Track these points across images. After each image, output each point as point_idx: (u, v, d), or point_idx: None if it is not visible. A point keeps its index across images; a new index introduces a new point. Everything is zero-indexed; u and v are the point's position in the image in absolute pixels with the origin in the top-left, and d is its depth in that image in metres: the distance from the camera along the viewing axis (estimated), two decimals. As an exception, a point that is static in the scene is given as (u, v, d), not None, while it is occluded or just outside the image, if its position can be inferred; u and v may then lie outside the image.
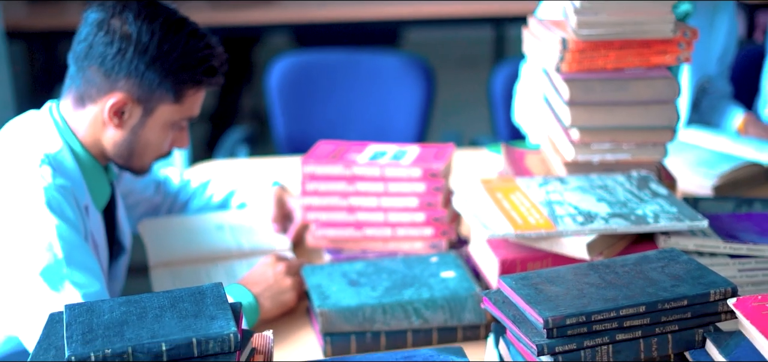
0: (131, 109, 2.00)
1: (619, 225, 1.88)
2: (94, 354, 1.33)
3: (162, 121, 2.03)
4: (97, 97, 2.00)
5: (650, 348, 1.49)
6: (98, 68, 1.99)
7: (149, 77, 1.97)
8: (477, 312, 1.91)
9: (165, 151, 2.09)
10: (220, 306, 1.45)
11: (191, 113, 2.08)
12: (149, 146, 2.05)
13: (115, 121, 2.00)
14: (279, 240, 2.32)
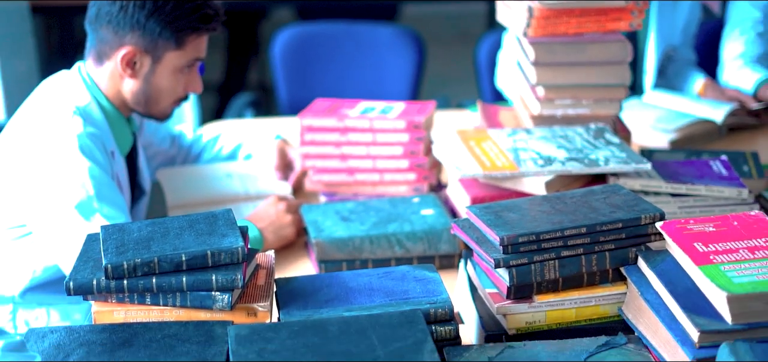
0: (141, 59, 2.23)
1: (573, 167, 2.11)
2: (126, 262, 1.57)
3: (170, 67, 2.26)
4: (111, 52, 2.24)
5: (591, 263, 1.73)
6: (107, 26, 2.23)
7: (151, 28, 2.21)
8: (451, 243, 2.14)
9: (181, 95, 2.32)
10: (230, 227, 1.68)
11: (197, 55, 2.30)
12: (163, 92, 2.28)
13: (129, 72, 2.23)
14: (281, 186, 2.56)
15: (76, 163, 2.09)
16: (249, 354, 1.44)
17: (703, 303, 1.53)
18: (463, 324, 1.91)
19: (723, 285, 1.49)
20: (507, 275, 1.69)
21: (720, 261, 1.55)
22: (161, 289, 1.60)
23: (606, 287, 1.74)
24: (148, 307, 1.62)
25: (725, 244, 1.61)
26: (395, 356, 1.43)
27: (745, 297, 1.47)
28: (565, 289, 1.73)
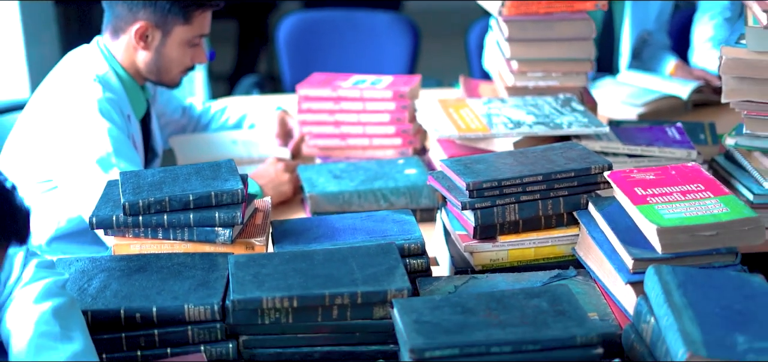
0: (153, 32, 2.44)
1: (539, 130, 2.31)
2: (141, 201, 1.78)
3: (179, 40, 2.46)
4: (126, 27, 2.45)
5: (547, 208, 1.92)
6: (123, 3, 2.44)
7: (161, 4, 2.41)
8: (431, 198, 2.34)
9: (188, 65, 2.52)
10: (231, 173, 1.89)
11: (202, 31, 2.50)
12: (173, 62, 2.48)
13: (142, 44, 2.44)
14: (281, 152, 2.76)
15: (96, 123, 2.29)
16: (246, 275, 1.64)
17: (639, 237, 1.73)
18: (438, 265, 2.11)
19: (654, 220, 1.68)
20: (472, 216, 1.89)
21: (655, 202, 1.75)
22: (171, 225, 1.81)
23: (561, 229, 1.94)
24: (159, 241, 1.83)
25: (662, 189, 1.80)
26: (371, 279, 1.63)
27: (673, 229, 1.66)
28: (524, 231, 1.93)
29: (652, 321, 1.51)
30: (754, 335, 1.39)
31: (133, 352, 1.61)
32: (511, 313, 1.52)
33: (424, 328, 1.47)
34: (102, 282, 1.69)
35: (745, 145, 2.35)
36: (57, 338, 1.42)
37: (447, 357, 1.43)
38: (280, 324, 1.61)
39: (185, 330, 1.61)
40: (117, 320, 1.60)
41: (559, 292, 1.59)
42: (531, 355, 1.45)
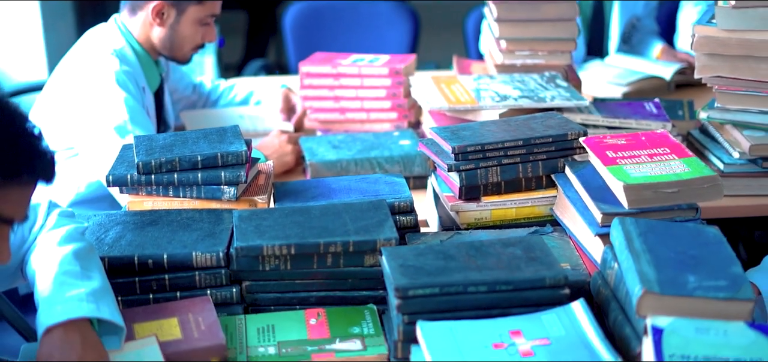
0: (168, 10, 2.57)
1: (524, 103, 2.43)
2: (154, 160, 1.91)
3: (192, 19, 2.59)
4: (144, 4, 2.59)
5: (527, 170, 2.05)
6: None
7: None
8: (423, 166, 2.46)
9: (199, 43, 2.65)
10: (236, 137, 2.02)
11: (213, 11, 2.63)
12: (186, 39, 2.61)
13: (158, 21, 2.57)
14: (284, 126, 2.89)
15: (113, 93, 2.43)
16: (248, 227, 1.77)
17: (609, 195, 1.85)
18: (428, 227, 2.24)
19: (622, 178, 1.81)
20: (458, 178, 2.02)
21: (623, 163, 1.87)
22: (181, 183, 1.94)
23: (540, 191, 2.06)
24: (170, 198, 1.96)
25: (631, 152, 1.92)
26: (362, 230, 1.76)
27: (638, 186, 1.79)
28: (506, 192, 2.05)
29: (615, 266, 1.64)
30: (704, 275, 1.51)
31: (145, 295, 1.74)
32: (488, 259, 1.64)
33: (408, 271, 1.59)
34: (117, 234, 1.82)
35: (716, 118, 2.48)
36: (78, 276, 1.55)
37: (428, 295, 1.56)
38: (279, 270, 1.74)
39: (193, 276, 1.74)
40: (131, 266, 1.73)
41: (532, 242, 1.72)
42: (504, 295, 1.58)
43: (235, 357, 1.61)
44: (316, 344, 1.64)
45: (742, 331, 1.39)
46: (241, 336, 1.66)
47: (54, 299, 1.50)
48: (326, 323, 1.70)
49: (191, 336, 1.61)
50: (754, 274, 2.07)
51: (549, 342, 1.48)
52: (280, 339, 1.65)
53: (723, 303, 1.46)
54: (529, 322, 1.53)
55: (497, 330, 1.51)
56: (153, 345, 1.57)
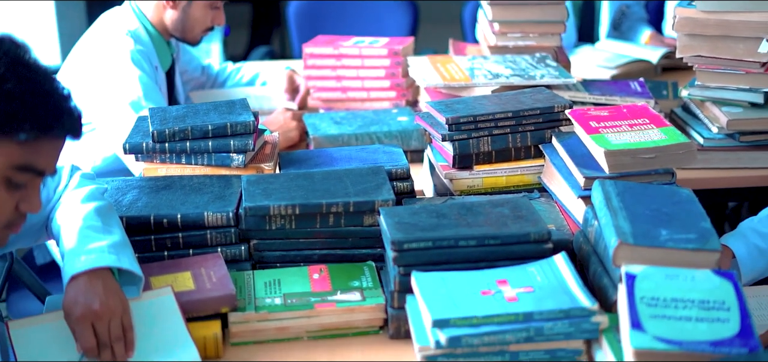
0: None
1: (515, 80, 2.53)
2: (168, 129, 2.02)
3: (203, 2, 2.70)
4: None
5: (516, 140, 2.15)
6: None
7: None
8: (420, 140, 2.56)
9: (209, 25, 2.76)
10: (245, 109, 2.12)
11: None
12: (197, 21, 2.72)
13: (171, 4, 2.68)
14: (289, 105, 2.99)
15: (128, 71, 2.54)
16: (256, 189, 1.88)
17: (592, 162, 1.96)
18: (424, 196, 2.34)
19: (603, 145, 1.91)
20: (451, 148, 2.12)
21: (605, 132, 1.98)
22: (193, 151, 2.05)
23: (528, 160, 2.17)
24: (182, 166, 2.07)
25: (613, 122, 2.03)
26: (362, 192, 1.87)
27: (617, 152, 1.89)
28: (497, 161, 2.15)
29: (595, 224, 1.74)
30: (675, 229, 1.61)
31: (160, 253, 1.85)
32: (478, 217, 1.75)
33: (403, 227, 1.70)
34: (134, 197, 1.93)
35: (697, 95, 2.59)
36: (100, 231, 1.66)
37: (422, 248, 1.66)
38: (285, 229, 1.85)
39: (205, 234, 1.85)
40: (147, 225, 1.84)
41: (519, 202, 1.82)
42: (492, 248, 1.68)
43: (243, 307, 1.71)
44: (319, 295, 1.75)
45: (707, 277, 1.50)
46: (250, 289, 1.77)
47: (78, 250, 1.61)
48: (328, 277, 1.80)
49: (204, 287, 1.72)
50: (729, 239, 2.17)
51: (532, 290, 1.59)
52: (286, 291, 1.76)
53: (691, 253, 1.56)
54: (514, 273, 1.64)
55: (485, 280, 1.62)
56: (168, 295, 1.68)
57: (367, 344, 1.71)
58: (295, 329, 1.72)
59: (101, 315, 1.54)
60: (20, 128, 1.34)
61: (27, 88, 1.34)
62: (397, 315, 1.69)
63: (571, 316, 1.52)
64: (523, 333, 1.51)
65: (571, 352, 1.54)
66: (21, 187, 1.40)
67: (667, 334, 1.37)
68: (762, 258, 2.15)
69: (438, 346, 1.50)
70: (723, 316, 1.41)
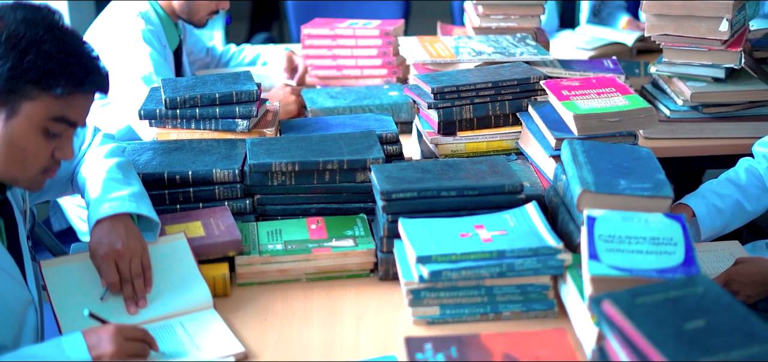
0: None
1: (496, 57, 2.69)
2: (179, 97, 2.18)
3: None
4: None
5: (495, 108, 2.31)
6: None
7: None
8: (409, 113, 2.72)
9: (214, 9, 2.91)
10: (248, 79, 2.29)
11: None
12: (202, 5, 2.87)
13: None
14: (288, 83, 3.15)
15: (140, 48, 2.70)
16: (260, 149, 2.04)
17: (563, 125, 2.12)
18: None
19: (572, 110, 2.08)
20: (436, 115, 2.29)
21: (575, 99, 2.14)
22: (201, 117, 2.21)
23: (507, 127, 2.32)
24: (192, 131, 2.23)
25: (583, 91, 2.19)
26: (355, 151, 2.03)
27: (585, 116, 2.06)
28: (478, 128, 2.31)
29: (563, 178, 1.91)
30: (633, 180, 1.78)
31: (173, 206, 2.01)
32: (459, 172, 1.91)
33: (392, 180, 1.87)
34: (149, 157, 2.09)
35: (664, 71, 2.75)
36: (121, 182, 1.82)
37: (408, 198, 1.83)
38: (285, 185, 2.01)
39: (213, 189, 2.01)
40: (161, 181, 2.00)
41: (496, 161, 1.99)
42: (470, 198, 1.85)
43: (248, 251, 1.88)
44: (316, 242, 1.91)
45: (659, 219, 1.66)
46: (254, 237, 1.94)
47: (102, 199, 1.77)
48: (324, 227, 1.97)
49: (213, 233, 1.89)
50: (690, 199, 2.34)
51: (505, 233, 1.75)
52: (286, 239, 1.92)
53: (646, 199, 1.73)
54: (490, 219, 1.80)
55: (464, 225, 1.78)
56: (182, 240, 1.84)
57: (359, 285, 1.88)
58: (294, 271, 1.88)
59: (123, 254, 1.70)
60: (56, 83, 1.50)
61: (62, 48, 1.51)
62: (385, 259, 1.86)
63: (539, 254, 1.68)
64: (497, 268, 1.67)
65: (539, 287, 1.71)
66: (56, 137, 1.56)
67: (620, 263, 1.53)
68: (720, 217, 2.32)
69: (421, 280, 1.67)
70: (670, 250, 1.57)
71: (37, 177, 1.59)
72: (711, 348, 1.22)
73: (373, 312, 1.77)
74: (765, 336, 1.23)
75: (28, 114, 1.51)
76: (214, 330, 1.67)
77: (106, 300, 1.71)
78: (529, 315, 1.71)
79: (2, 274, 1.59)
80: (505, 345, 1.52)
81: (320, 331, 1.71)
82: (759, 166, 2.37)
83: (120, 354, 1.48)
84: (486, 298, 1.70)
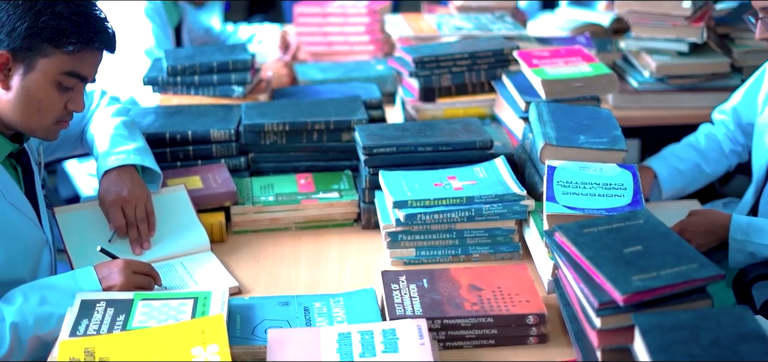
0: None
1: (475, 33, 2.84)
2: (179, 65, 2.33)
3: None
4: None
5: (472, 77, 2.46)
6: None
7: None
8: (393, 85, 2.87)
9: None
10: (244, 50, 2.44)
11: None
12: None
13: None
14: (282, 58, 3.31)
15: (143, 23, 2.85)
16: (254, 111, 2.19)
17: (532, 91, 2.27)
18: (397, 128, 2.65)
19: (541, 76, 2.23)
20: (417, 82, 2.44)
21: (544, 66, 2.29)
22: (200, 84, 2.36)
23: (483, 94, 2.48)
24: (192, 96, 2.38)
25: (551, 59, 2.34)
26: (340, 113, 2.18)
27: (552, 81, 2.21)
28: (456, 95, 2.47)
29: (530, 136, 2.06)
30: (592, 135, 1.93)
31: (174, 163, 2.16)
32: (435, 130, 2.07)
33: (373, 137, 2.02)
34: (152, 119, 2.24)
35: (632, 46, 2.90)
36: (127, 138, 1.97)
37: (388, 153, 1.98)
38: (277, 144, 2.16)
39: (210, 148, 2.16)
40: (163, 140, 2.15)
41: (470, 121, 2.14)
42: (445, 153, 2.00)
43: (243, 202, 2.03)
44: (305, 195, 2.07)
45: (613, 168, 1.82)
46: (248, 190, 2.09)
47: (109, 152, 1.92)
48: (312, 182, 2.12)
49: (210, 186, 2.04)
50: (653, 161, 2.49)
51: (475, 183, 1.90)
52: (278, 191, 2.08)
53: (602, 152, 1.88)
54: (462, 171, 1.96)
55: (438, 176, 1.93)
56: (182, 191, 2.00)
57: (343, 233, 2.03)
58: (284, 220, 2.03)
59: (129, 200, 1.86)
60: (69, 41, 1.65)
61: (74, 10, 1.66)
62: (367, 209, 2.01)
63: (505, 200, 1.84)
64: (466, 212, 1.82)
65: (505, 231, 1.86)
66: (69, 90, 1.71)
67: (573, 203, 1.69)
68: (680, 178, 2.47)
69: (398, 223, 1.82)
70: (620, 194, 1.73)
71: (52, 127, 1.73)
72: (645, 267, 1.37)
73: (355, 256, 1.93)
74: (691, 258, 1.39)
75: (44, 69, 1.66)
76: (210, 268, 1.82)
77: (113, 242, 1.86)
78: (497, 256, 1.86)
79: (20, 216, 1.73)
80: (471, 278, 1.67)
81: (307, 271, 1.86)
82: (718, 131, 2.52)
83: (128, 285, 1.63)
84: (457, 241, 1.85)
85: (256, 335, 1.55)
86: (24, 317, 1.57)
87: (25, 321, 1.57)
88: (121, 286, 1.63)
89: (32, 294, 1.61)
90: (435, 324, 1.54)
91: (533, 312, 1.56)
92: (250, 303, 1.65)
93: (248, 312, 1.61)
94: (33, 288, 1.63)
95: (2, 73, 1.65)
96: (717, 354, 1.21)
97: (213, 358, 1.39)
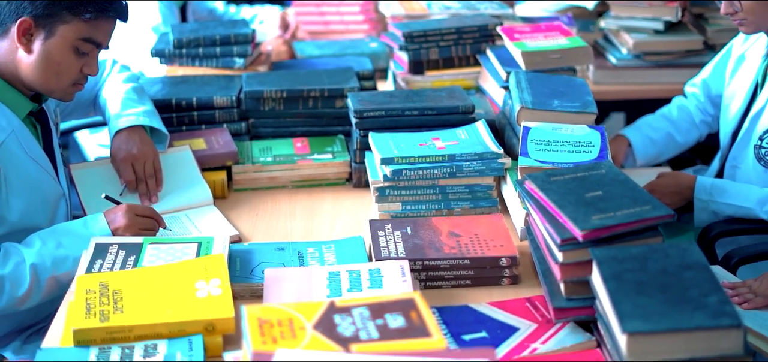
0: None
1: (463, 11, 2.97)
2: (185, 38, 2.46)
3: None
4: None
5: (458, 51, 2.59)
6: None
7: None
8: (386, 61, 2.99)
9: None
10: (245, 25, 2.57)
11: None
12: None
13: None
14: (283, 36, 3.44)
15: (151, 2, 2.98)
16: (254, 80, 2.32)
17: (513, 62, 2.40)
18: (388, 100, 2.78)
19: (521, 48, 2.35)
20: (407, 55, 2.57)
21: (524, 40, 2.42)
22: (204, 55, 2.49)
23: (469, 67, 2.60)
24: (196, 67, 2.51)
25: (532, 35, 2.46)
26: (334, 82, 2.31)
27: (532, 52, 2.33)
28: (443, 68, 2.59)
29: (510, 103, 2.19)
30: (565, 100, 2.05)
31: (180, 127, 2.29)
32: (421, 97, 2.19)
33: (364, 102, 2.14)
34: (160, 87, 2.36)
35: (611, 24, 3.03)
36: (136, 102, 2.10)
37: (377, 116, 2.10)
38: (275, 110, 2.29)
39: (213, 113, 2.29)
40: (170, 106, 2.27)
41: (454, 89, 2.27)
42: (430, 117, 2.12)
43: (243, 162, 2.16)
44: (300, 156, 2.20)
45: (582, 129, 1.94)
46: (248, 152, 2.21)
47: (120, 114, 2.05)
48: (308, 145, 2.25)
49: (213, 147, 2.17)
50: (627, 130, 2.62)
51: (457, 143, 2.03)
52: (275, 153, 2.21)
53: (574, 114, 2.00)
54: (445, 133, 2.08)
55: (423, 137, 2.05)
56: (187, 150, 2.13)
57: (336, 191, 2.16)
58: (281, 179, 2.16)
59: (138, 157, 1.99)
60: (86, 9, 1.78)
61: (89, -20, 1.79)
62: (358, 168, 2.14)
63: (484, 158, 1.96)
64: (448, 169, 1.95)
65: (484, 187, 1.98)
66: (84, 55, 1.84)
67: (544, 158, 1.82)
68: (653, 146, 2.60)
69: (385, 179, 1.95)
70: (587, 150, 1.86)
71: (68, 88, 1.86)
72: (603, 209, 1.50)
73: (346, 210, 2.06)
74: (645, 201, 1.52)
75: (63, 34, 1.79)
76: (213, 219, 1.95)
77: (124, 196, 1.99)
78: (476, 210, 1.98)
79: (40, 170, 1.87)
80: (451, 226, 1.80)
81: (302, 222, 1.99)
82: (689, 103, 2.65)
83: (132, 225, 1.76)
84: (440, 196, 1.98)
85: (254, 275, 1.68)
86: (42, 259, 1.70)
87: (43, 262, 1.70)
88: (125, 226, 1.76)
89: (49, 239, 1.74)
90: (417, 264, 1.68)
91: (506, 254, 1.69)
92: (249, 248, 1.78)
93: (247, 255, 1.74)
94: (49, 233, 1.76)
95: (25, 38, 1.78)
96: (663, 281, 1.34)
97: (215, 291, 1.53)
